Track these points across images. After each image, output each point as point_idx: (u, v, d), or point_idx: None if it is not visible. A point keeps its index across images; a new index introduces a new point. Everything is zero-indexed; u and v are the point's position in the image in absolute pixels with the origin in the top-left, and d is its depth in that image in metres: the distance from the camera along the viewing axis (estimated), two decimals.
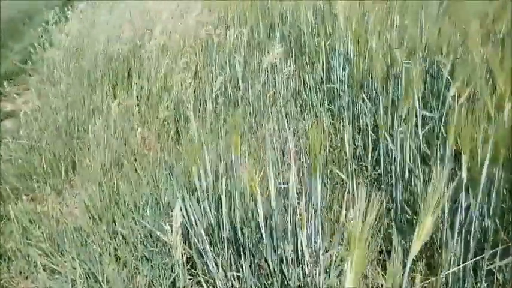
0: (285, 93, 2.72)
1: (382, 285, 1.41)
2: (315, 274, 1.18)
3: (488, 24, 2.05)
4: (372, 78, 2.28)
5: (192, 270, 1.66)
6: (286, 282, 1.31)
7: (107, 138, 2.20)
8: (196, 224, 1.47)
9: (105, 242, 1.70)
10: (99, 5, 5.17)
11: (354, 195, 1.62)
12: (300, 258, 1.23)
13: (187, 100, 2.53)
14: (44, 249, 1.85)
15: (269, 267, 1.35)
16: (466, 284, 1.36)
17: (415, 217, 1.54)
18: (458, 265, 1.36)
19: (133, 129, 2.41)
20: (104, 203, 1.88)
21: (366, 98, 2.15)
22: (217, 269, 1.48)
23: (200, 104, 2.67)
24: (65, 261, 1.74)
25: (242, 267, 1.49)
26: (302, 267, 1.22)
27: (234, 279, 1.53)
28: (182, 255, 1.58)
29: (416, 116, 1.59)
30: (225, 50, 3.05)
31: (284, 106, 2.56)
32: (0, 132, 3.11)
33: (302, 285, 1.28)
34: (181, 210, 1.75)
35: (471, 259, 1.34)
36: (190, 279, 1.64)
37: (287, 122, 2.37)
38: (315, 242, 1.20)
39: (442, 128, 1.62)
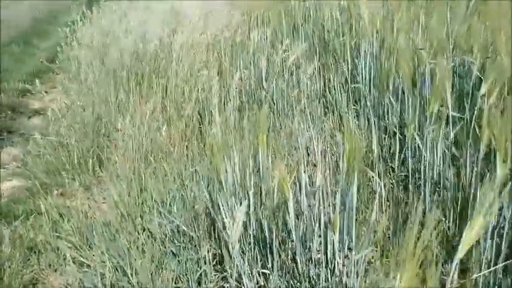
0: (309, 92, 2.71)
1: None
2: (346, 275, 1.17)
3: None
4: (398, 77, 2.26)
5: (217, 266, 1.68)
6: (314, 282, 1.31)
7: (134, 136, 2.24)
8: (224, 220, 1.49)
9: (133, 237, 1.74)
10: (124, 4, 5.25)
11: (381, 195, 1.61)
12: (329, 258, 1.23)
13: (211, 98, 2.55)
14: (73, 243, 1.89)
15: (297, 267, 1.35)
16: None
17: (445, 218, 1.53)
18: (489, 268, 1.34)
19: (159, 127, 2.45)
20: (132, 198, 1.91)
21: (392, 98, 2.13)
22: (243, 263, 1.48)
23: (224, 102, 2.69)
24: (93, 255, 1.78)
25: (268, 265, 1.50)
26: (332, 269, 1.22)
27: (260, 276, 1.54)
28: (208, 251, 1.61)
29: (446, 116, 1.58)
30: (248, 50, 3.06)
31: (308, 106, 2.56)
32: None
33: (331, 286, 1.27)
34: (207, 206, 1.78)
35: (502, 262, 1.32)
36: (216, 275, 1.66)
37: (311, 121, 2.37)
38: (347, 243, 1.20)
39: (472, 128, 1.59)
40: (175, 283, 1.61)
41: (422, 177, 1.62)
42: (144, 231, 1.79)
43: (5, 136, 3.41)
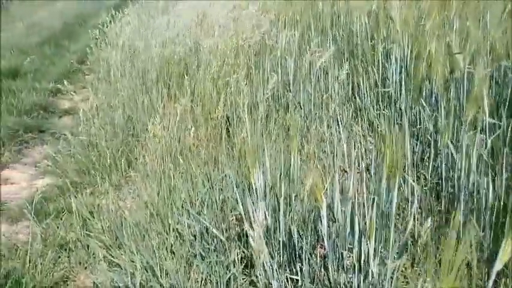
0: (338, 96, 2.69)
1: None
2: (379, 283, 1.15)
3: None
4: (430, 83, 2.21)
5: (246, 269, 1.67)
6: None
7: (163, 136, 2.26)
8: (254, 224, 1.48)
9: (162, 238, 1.75)
10: (151, 5, 5.32)
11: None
12: (362, 267, 1.21)
13: (239, 101, 2.55)
14: (103, 241, 1.92)
15: (328, 274, 1.33)
16: None
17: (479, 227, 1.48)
18: None
19: (188, 129, 2.46)
20: (162, 199, 1.93)
21: (424, 104, 2.09)
22: (273, 270, 1.48)
23: (252, 106, 2.69)
24: (121, 254, 1.80)
25: (297, 271, 1.49)
26: (365, 277, 1.20)
27: (288, 281, 1.52)
28: (237, 254, 1.61)
29: (482, 123, 1.53)
30: (276, 53, 3.06)
31: (336, 110, 2.53)
32: None
33: None
34: (236, 209, 1.78)
35: None
36: (244, 278, 1.65)
37: (341, 126, 2.34)
38: (381, 252, 1.18)
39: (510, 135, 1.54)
40: (203, 285, 1.61)
41: (456, 185, 1.58)
42: (173, 231, 1.81)
43: (37, 135, 3.51)
